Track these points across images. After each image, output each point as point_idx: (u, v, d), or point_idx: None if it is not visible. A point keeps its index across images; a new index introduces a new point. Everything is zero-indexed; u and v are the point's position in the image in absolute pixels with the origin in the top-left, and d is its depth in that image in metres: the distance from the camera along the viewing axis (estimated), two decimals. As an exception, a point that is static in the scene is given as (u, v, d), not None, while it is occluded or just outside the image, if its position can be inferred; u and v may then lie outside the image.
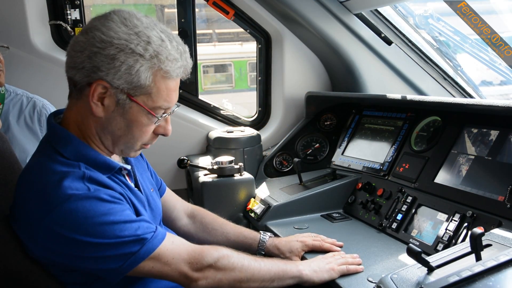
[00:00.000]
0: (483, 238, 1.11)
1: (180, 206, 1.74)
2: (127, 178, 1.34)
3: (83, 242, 1.10)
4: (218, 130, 2.62)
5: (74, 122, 1.24)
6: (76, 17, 2.52)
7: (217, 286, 1.27)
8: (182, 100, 2.71)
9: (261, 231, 1.74)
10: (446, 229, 1.57)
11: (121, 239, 1.13)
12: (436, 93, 2.52)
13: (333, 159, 2.45)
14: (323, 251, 1.64)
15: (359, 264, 1.51)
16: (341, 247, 1.66)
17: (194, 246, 1.28)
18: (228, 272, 1.29)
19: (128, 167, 1.34)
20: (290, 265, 1.43)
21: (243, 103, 6.35)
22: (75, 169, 1.15)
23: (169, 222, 1.71)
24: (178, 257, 1.22)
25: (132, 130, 1.21)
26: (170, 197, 1.72)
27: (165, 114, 1.24)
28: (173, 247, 1.22)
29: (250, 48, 4.93)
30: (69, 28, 2.50)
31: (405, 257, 1.49)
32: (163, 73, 1.17)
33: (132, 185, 1.34)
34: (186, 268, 1.22)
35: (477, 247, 1.08)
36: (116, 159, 1.35)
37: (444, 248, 1.52)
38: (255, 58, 2.85)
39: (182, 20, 2.64)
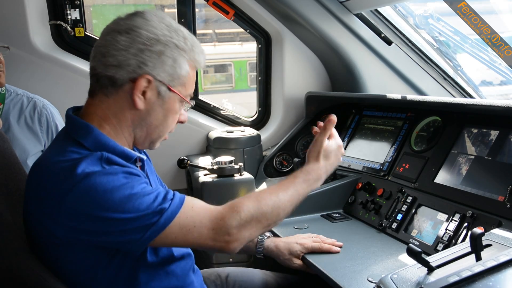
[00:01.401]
0: (483, 238, 1.11)
1: None
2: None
3: (103, 218, 1.11)
4: (218, 130, 2.62)
5: (99, 117, 1.26)
6: (76, 17, 2.52)
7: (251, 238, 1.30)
8: (182, 100, 2.71)
9: None
10: (446, 229, 1.57)
11: (139, 212, 1.13)
12: (436, 93, 2.52)
13: (333, 159, 2.45)
14: (323, 252, 1.64)
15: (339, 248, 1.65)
16: (340, 247, 1.66)
17: (215, 211, 1.25)
18: (254, 225, 1.28)
19: (144, 157, 1.36)
20: (300, 185, 1.43)
21: (243, 103, 6.35)
22: (93, 154, 1.18)
23: None
24: (200, 224, 1.21)
25: (168, 119, 1.30)
26: None
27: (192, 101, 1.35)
28: (193, 214, 1.21)
29: (250, 48, 4.94)
30: (69, 28, 2.50)
31: (405, 257, 1.49)
32: (196, 63, 1.30)
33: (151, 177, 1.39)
34: (212, 234, 1.22)
35: (477, 247, 1.08)
36: None
37: (444, 248, 1.52)
38: (255, 58, 2.85)
39: (182, 20, 2.64)
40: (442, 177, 1.77)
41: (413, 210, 1.76)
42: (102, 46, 1.23)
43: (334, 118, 1.50)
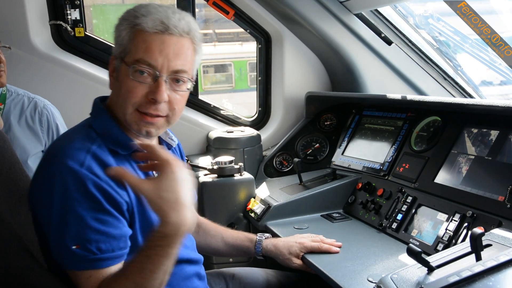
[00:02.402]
0: (483, 238, 1.11)
1: None
2: None
3: (50, 205, 1.11)
4: (218, 130, 2.62)
5: (110, 104, 1.31)
6: (76, 17, 2.52)
7: None
8: (182, 100, 2.71)
9: (258, 234, 1.75)
10: (446, 229, 1.57)
11: (70, 233, 1.08)
12: (436, 93, 2.52)
13: (333, 159, 2.45)
14: (322, 252, 1.64)
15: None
16: (339, 247, 1.66)
17: None
18: None
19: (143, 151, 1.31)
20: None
21: (243, 103, 6.35)
22: (88, 142, 1.18)
23: None
24: None
25: (121, 91, 1.23)
26: None
27: (155, 73, 1.20)
28: (87, 282, 1.11)
29: (250, 48, 4.93)
30: (69, 28, 2.50)
31: (405, 257, 1.49)
32: (137, 26, 1.21)
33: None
34: None
35: (477, 247, 1.08)
36: None
37: (444, 248, 1.52)
38: (255, 58, 2.85)
39: (182, 20, 2.64)
40: (442, 177, 1.77)
41: (413, 210, 1.76)
42: None
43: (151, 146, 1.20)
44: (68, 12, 2.50)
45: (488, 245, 1.18)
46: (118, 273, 1.11)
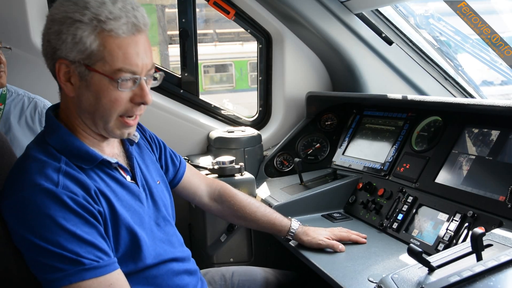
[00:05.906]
0: (484, 238, 1.11)
1: (202, 192, 1.73)
2: (120, 171, 1.31)
3: (25, 238, 1.09)
4: (219, 130, 2.62)
5: (63, 112, 1.26)
6: (76, 17, 2.52)
7: None
8: (183, 100, 2.71)
9: (292, 219, 1.75)
10: (447, 229, 1.57)
11: (60, 250, 1.07)
12: (437, 93, 2.52)
13: (333, 159, 2.45)
14: (325, 252, 1.65)
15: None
16: (365, 238, 1.72)
17: None
18: None
19: (114, 160, 1.28)
20: None
21: (243, 103, 6.35)
22: (54, 162, 1.16)
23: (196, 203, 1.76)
24: None
25: (101, 101, 1.17)
26: (189, 184, 1.69)
27: (136, 77, 1.18)
28: None
29: (250, 48, 4.94)
30: (69, 28, 2.50)
31: (405, 257, 1.49)
32: (107, 33, 1.13)
33: (127, 178, 1.31)
34: None
35: (478, 247, 1.08)
36: (114, 152, 1.33)
37: (445, 248, 1.52)
38: (256, 58, 2.85)
39: (183, 20, 2.64)
40: (443, 177, 1.77)
41: (414, 210, 1.76)
42: None
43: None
44: (69, 12, 2.50)
45: (489, 245, 1.18)
46: None
